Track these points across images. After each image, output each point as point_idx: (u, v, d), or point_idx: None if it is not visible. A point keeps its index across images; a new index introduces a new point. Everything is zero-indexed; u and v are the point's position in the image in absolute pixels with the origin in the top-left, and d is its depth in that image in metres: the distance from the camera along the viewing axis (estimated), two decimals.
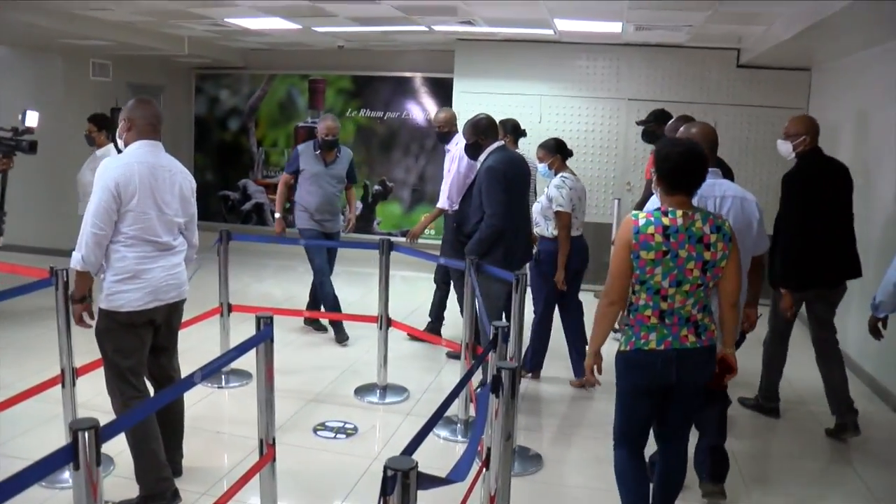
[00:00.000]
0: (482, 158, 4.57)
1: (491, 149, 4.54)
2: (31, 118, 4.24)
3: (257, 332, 2.97)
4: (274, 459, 3.15)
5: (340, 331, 6.02)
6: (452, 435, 4.25)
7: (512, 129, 5.67)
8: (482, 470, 2.93)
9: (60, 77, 8.43)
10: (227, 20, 6.98)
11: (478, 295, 4.10)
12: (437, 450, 4.03)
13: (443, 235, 6.00)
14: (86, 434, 1.89)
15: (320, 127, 5.78)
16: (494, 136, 4.64)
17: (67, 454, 1.88)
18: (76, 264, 3.16)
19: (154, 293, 3.26)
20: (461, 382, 2.83)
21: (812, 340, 4.52)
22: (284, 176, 6.01)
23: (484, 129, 4.59)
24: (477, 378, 3.77)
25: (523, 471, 3.84)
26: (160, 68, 9.83)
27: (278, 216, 6.05)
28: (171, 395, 3.04)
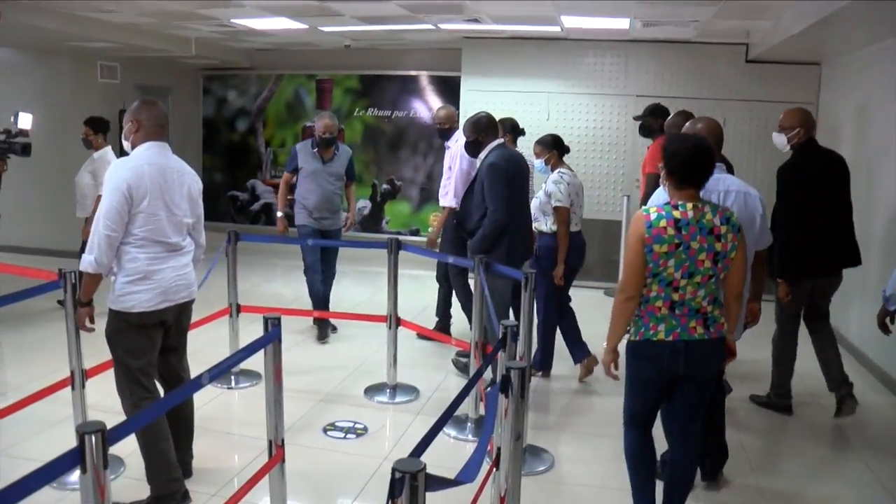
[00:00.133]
0: (482, 156, 4.61)
1: (491, 146, 4.60)
2: (24, 120, 4.19)
3: (265, 333, 2.96)
4: (283, 460, 3.14)
5: (323, 328, 6.04)
6: (462, 434, 4.23)
7: (510, 128, 5.67)
8: (492, 469, 2.92)
9: (68, 79, 8.51)
10: (233, 21, 6.99)
11: (486, 294, 4.09)
12: (448, 449, 4.01)
13: (443, 233, 5.99)
14: (92, 437, 1.88)
15: (318, 125, 5.79)
16: (495, 135, 4.68)
17: (74, 457, 1.87)
18: (88, 267, 3.13)
19: (165, 294, 3.26)
20: (470, 382, 2.82)
21: (804, 319, 4.60)
22: (285, 175, 6.04)
23: (484, 128, 4.63)
24: (488, 376, 3.76)
25: (534, 470, 3.82)
26: (167, 70, 9.88)
27: (280, 215, 6.07)
28: (180, 397, 3.03)
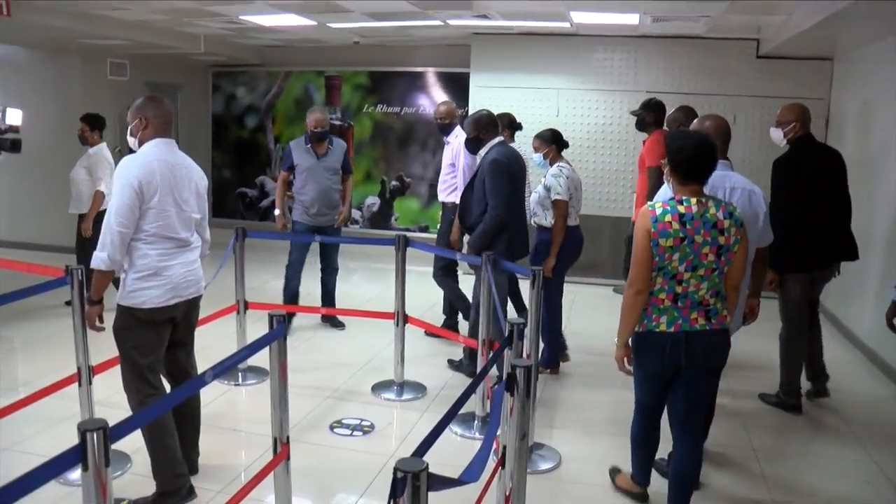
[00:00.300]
0: (483, 152, 4.68)
1: (492, 143, 4.67)
2: (13, 116, 4.15)
3: (270, 331, 2.96)
4: (288, 458, 3.13)
5: (334, 323, 6.14)
6: (469, 432, 4.22)
7: (508, 124, 5.70)
8: (498, 468, 2.91)
9: (78, 77, 8.53)
10: (242, 17, 6.99)
11: (494, 291, 4.08)
12: (454, 447, 4.00)
13: (439, 227, 5.99)
14: (94, 435, 1.87)
15: (309, 120, 5.79)
16: (495, 131, 4.74)
17: (76, 455, 1.86)
18: (101, 264, 3.12)
19: (174, 290, 3.26)
20: (476, 379, 2.81)
21: (781, 317, 4.63)
22: (282, 174, 6.06)
23: (485, 125, 4.69)
24: (494, 373, 3.74)
25: (540, 468, 3.81)
26: (177, 66, 9.89)
27: (278, 213, 6.08)
28: (184, 394, 3.03)
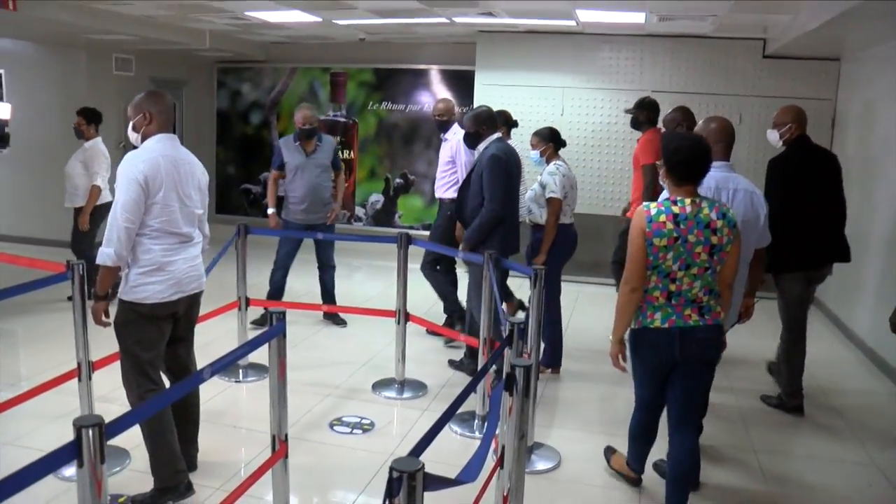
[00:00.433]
0: (482, 148, 4.73)
1: (491, 139, 4.73)
2: (2, 110, 4.10)
3: (269, 328, 2.96)
4: (286, 455, 3.13)
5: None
6: (469, 431, 4.20)
7: (504, 121, 5.71)
8: (497, 468, 2.89)
9: (84, 72, 8.54)
10: (247, 13, 6.99)
11: (495, 286, 4.09)
12: (454, 446, 3.98)
13: (436, 221, 5.98)
14: (90, 431, 1.85)
15: (297, 117, 5.78)
16: (494, 127, 4.80)
17: (71, 451, 1.84)
18: (107, 260, 3.11)
19: (177, 285, 3.27)
20: (475, 378, 2.79)
21: (781, 316, 4.66)
22: (272, 173, 6.05)
23: (485, 120, 4.76)
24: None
25: (540, 468, 3.79)
26: (182, 62, 9.90)
27: (271, 212, 6.06)
28: (182, 390, 3.02)
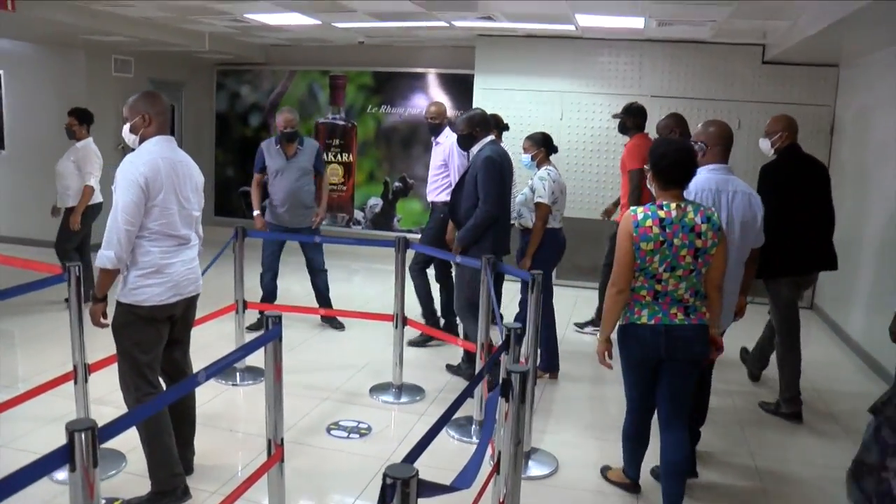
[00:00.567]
0: (476, 150, 4.77)
1: (485, 141, 4.77)
2: None
3: (266, 331, 2.95)
4: (282, 460, 3.13)
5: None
6: (466, 436, 4.19)
7: (495, 124, 5.71)
8: (493, 474, 2.88)
9: (83, 73, 8.53)
10: (247, 16, 6.98)
11: (493, 294, 4.07)
12: (451, 451, 3.97)
13: (428, 224, 5.92)
14: (82, 435, 1.84)
15: (278, 120, 5.77)
16: (487, 130, 4.84)
17: (64, 455, 1.84)
18: (107, 263, 3.09)
19: (175, 287, 3.26)
20: (472, 383, 2.78)
21: (775, 320, 4.72)
22: (255, 176, 6.03)
23: (478, 122, 4.81)
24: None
25: (537, 474, 3.78)
26: (182, 64, 9.90)
27: (256, 213, 6.03)
28: (178, 393, 3.01)
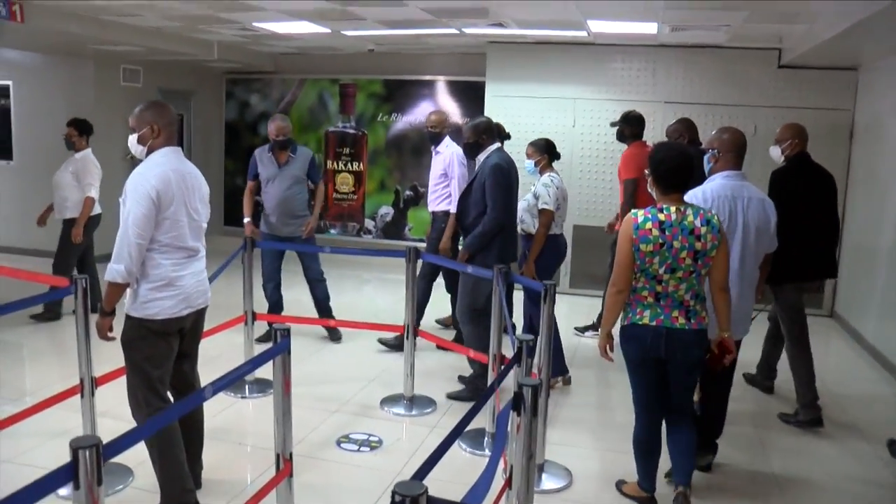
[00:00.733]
0: (482, 157, 4.78)
1: (492, 149, 4.79)
2: None
3: (274, 345, 2.91)
4: (291, 474, 3.08)
5: (333, 334, 6.07)
6: (479, 449, 4.11)
7: (497, 133, 5.64)
8: (505, 488, 2.82)
9: (91, 82, 8.52)
10: (255, 25, 6.97)
11: (504, 305, 4.02)
12: (463, 464, 3.89)
13: (428, 234, 5.94)
14: (87, 453, 1.79)
15: (270, 128, 5.70)
16: (493, 137, 4.84)
17: (68, 473, 1.79)
18: (117, 276, 3.04)
19: (187, 300, 3.21)
20: (485, 396, 2.73)
21: (772, 318, 4.79)
22: (248, 183, 5.96)
23: (484, 130, 4.83)
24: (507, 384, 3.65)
25: (550, 487, 3.69)
26: (190, 73, 9.90)
27: (246, 221, 5.91)
28: (184, 409, 2.96)
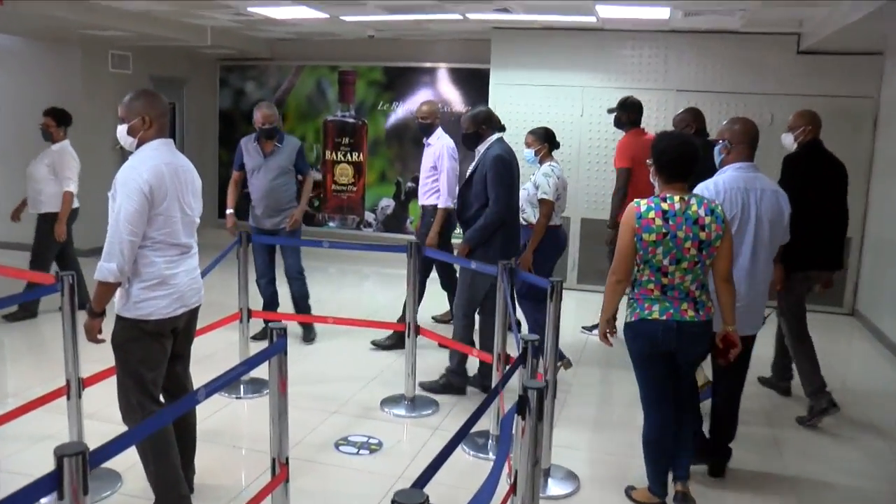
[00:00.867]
0: (483, 148, 4.66)
1: (492, 139, 4.67)
2: None
3: (270, 345, 2.80)
4: (287, 479, 2.97)
5: (307, 331, 5.88)
6: (483, 452, 3.96)
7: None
8: (510, 494, 2.74)
9: (79, 69, 8.27)
10: (251, 9, 6.79)
11: (508, 302, 3.91)
12: (466, 467, 3.77)
13: (418, 229, 5.83)
14: (72, 461, 1.69)
15: (256, 116, 5.48)
16: (493, 127, 4.71)
17: (52, 482, 1.69)
18: (108, 276, 2.87)
19: (181, 299, 3.06)
20: (489, 398, 2.60)
21: (780, 313, 4.70)
22: (234, 174, 5.73)
23: (483, 120, 4.70)
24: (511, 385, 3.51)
25: (556, 493, 3.56)
26: (183, 60, 9.70)
27: (229, 212, 5.67)
28: (175, 413, 2.82)
